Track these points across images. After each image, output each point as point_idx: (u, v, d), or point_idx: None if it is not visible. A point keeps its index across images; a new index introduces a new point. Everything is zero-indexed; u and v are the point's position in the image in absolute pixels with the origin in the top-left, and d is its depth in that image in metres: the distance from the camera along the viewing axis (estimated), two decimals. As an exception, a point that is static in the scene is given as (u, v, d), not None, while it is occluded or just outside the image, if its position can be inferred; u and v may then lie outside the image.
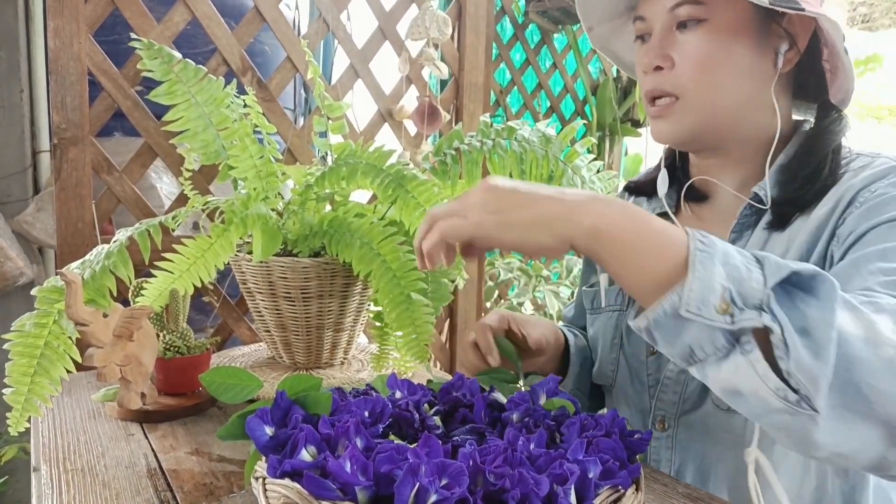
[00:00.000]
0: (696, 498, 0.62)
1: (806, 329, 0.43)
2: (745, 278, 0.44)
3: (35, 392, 0.66)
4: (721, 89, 0.67)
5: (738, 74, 0.67)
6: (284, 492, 0.42)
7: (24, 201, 1.43)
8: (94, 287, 0.72)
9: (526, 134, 0.90)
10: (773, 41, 0.67)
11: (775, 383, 0.43)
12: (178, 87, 0.83)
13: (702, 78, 0.67)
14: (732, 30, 0.66)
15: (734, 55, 0.66)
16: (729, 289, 0.44)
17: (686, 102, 0.69)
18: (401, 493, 0.39)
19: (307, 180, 0.85)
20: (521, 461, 0.43)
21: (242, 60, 1.21)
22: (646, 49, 0.71)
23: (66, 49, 1.06)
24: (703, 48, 0.66)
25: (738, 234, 0.72)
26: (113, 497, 0.59)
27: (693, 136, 0.71)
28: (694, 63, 0.67)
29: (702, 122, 0.69)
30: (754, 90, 0.68)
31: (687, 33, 0.67)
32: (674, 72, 0.68)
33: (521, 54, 2.26)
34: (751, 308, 0.43)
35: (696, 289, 0.44)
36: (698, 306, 0.44)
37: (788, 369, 0.43)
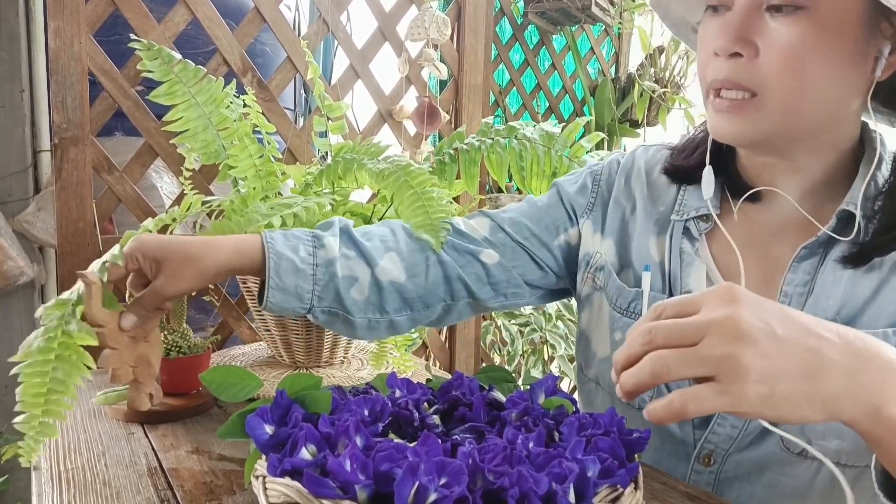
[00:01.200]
0: (694, 497, 0.62)
1: None
2: None
3: (50, 413, 0.61)
4: (808, 92, 0.57)
5: (832, 78, 0.56)
6: (284, 490, 0.42)
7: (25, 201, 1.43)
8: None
9: (528, 133, 0.90)
10: (878, 43, 0.57)
11: None
12: (178, 87, 0.84)
13: (789, 76, 0.56)
14: (835, 24, 0.55)
15: (831, 54, 0.55)
16: None
17: (765, 102, 0.57)
18: (400, 491, 0.39)
19: (307, 179, 0.86)
20: (520, 460, 0.44)
21: (243, 61, 1.22)
22: (722, 27, 0.58)
23: (67, 49, 1.06)
24: (797, 41, 0.55)
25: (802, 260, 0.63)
26: (113, 496, 0.59)
27: (764, 140, 0.60)
28: (783, 57, 0.55)
29: (777, 126, 0.59)
30: (844, 97, 0.58)
31: (779, 19, 0.55)
32: (756, 63, 0.57)
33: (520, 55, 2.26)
34: None
35: None
36: None
37: None
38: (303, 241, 0.68)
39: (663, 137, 2.40)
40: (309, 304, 0.68)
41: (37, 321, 0.65)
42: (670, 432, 0.68)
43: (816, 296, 0.62)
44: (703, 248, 0.68)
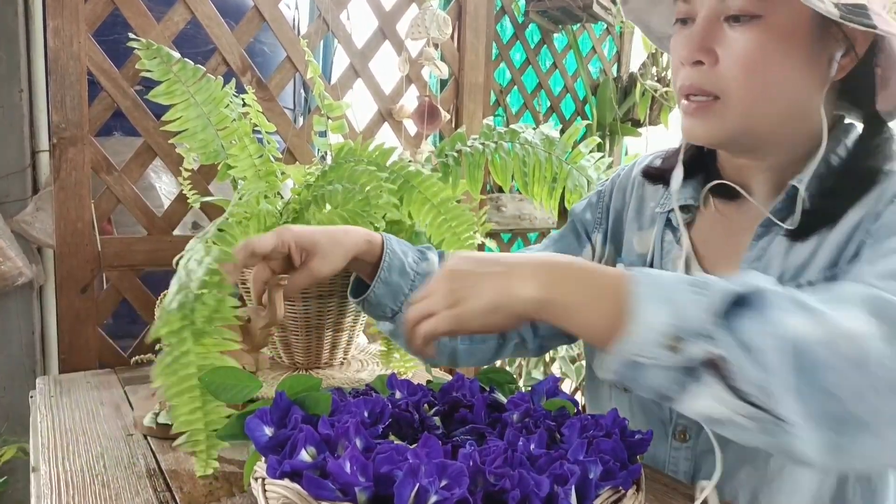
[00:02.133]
0: (695, 498, 0.61)
1: (748, 344, 0.43)
2: (688, 311, 0.44)
3: (212, 422, 0.59)
4: (766, 94, 0.61)
5: (788, 80, 0.61)
6: (284, 492, 0.41)
7: (23, 201, 1.42)
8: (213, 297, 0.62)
9: (529, 137, 0.90)
10: (830, 46, 0.61)
11: (738, 405, 0.44)
12: (177, 86, 0.83)
13: (747, 81, 0.61)
14: (788, 31, 0.59)
15: (786, 59, 0.60)
16: (673, 324, 0.44)
17: (726, 104, 0.62)
18: (401, 493, 0.38)
19: (307, 179, 0.85)
20: (521, 462, 0.43)
21: (242, 60, 1.21)
22: (686, 38, 0.63)
23: (66, 49, 1.05)
24: (753, 48, 0.60)
25: (759, 238, 0.68)
26: (112, 497, 0.59)
27: (729, 139, 0.65)
28: (740, 63, 0.60)
29: (741, 126, 0.63)
30: (802, 97, 0.63)
31: (737, 28, 0.60)
32: (716, 69, 0.62)
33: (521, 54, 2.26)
34: (695, 339, 0.44)
35: (638, 333, 0.45)
36: (646, 349, 0.44)
37: (741, 388, 0.43)
38: (411, 250, 0.76)
39: (665, 137, 2.39)
40: (398, 307, 0.73)
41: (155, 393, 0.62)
42: (652, 411, 0.73)
43: (764, 267, 0.66)
44: (685, 238, 0.73)
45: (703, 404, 0.45)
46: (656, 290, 0.46)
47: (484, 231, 1.07)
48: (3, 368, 1.45)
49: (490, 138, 0.91)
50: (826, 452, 0.44)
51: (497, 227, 1.95)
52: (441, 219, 0.77)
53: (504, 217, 1.95)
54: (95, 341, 1.13)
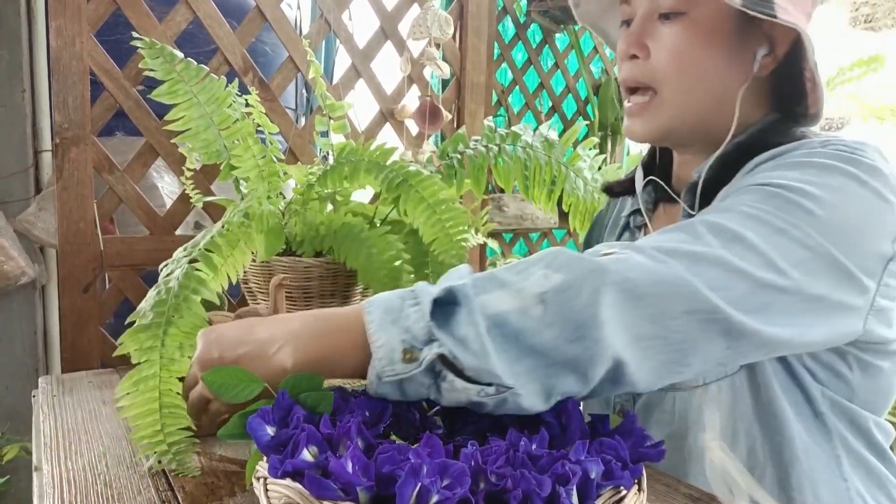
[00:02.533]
0: (696, 498, 0.61)
1: (459, 337, 0.48)
2: (411, 324, 0.49)
3: (176, 443, 0.61)
4: (695, 87, 0.67)
5: (714, 74, 0.66)
6: (286, 492, 0.42)
7: (26, 201, 1.43)
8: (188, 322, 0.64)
9: (529, 139, 0.90)
10: (753, 44, 0.66)
11: (475, 388, 0.48)
12: (180, 86, 0.83)
13: (676, 73, 0.66)
14: (710, 26, 0.65)
15: (709, 52, 0.66)
16: (404, 339, 0.49)
17: (661, 98, 0.68)
18: (402, 493, 0.38)
19: (309, 180, 0.85)
20: (523, 462, 0.43)
21: (244, 60, 1.22)
22: (624, 35, 0.69)
23: (68, 48, 1.06)
24: (679, 42, 0.66)
25: None
26: (114, 497, 0.59)
27: (665, 133, 0.70)
28: (669, 56, 0.66)
29: (673, 122, 0.69)
30: (727, 91, 0.67)
31: (667, 24, 0.66)
32: (649, 62, 0.68)
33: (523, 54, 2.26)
34: (423, 346, 0.48)
35: (382, 356, 0.49)
36: (390, 368, 0.49)
37: (470, 375, 0.48)
38: None
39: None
40: None
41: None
42: None
43: None
44: (640, 238, 0.77)
45: (455, 396, 0.49)
46: (383, 314, 0.50)
47: (486, 231, 1.07)
48: (5, 368, 1.45)
49: (492, 140, 0.91)
50: (546, 399, 0.50)
51: (499, 227, 1.95)
52: (435, 218, 0.77)
53: (506, 217, 1.95)
54: (98, 341, 1.13)
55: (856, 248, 0.58)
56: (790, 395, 0.66)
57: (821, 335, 0.59)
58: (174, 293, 0.63)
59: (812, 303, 0.57)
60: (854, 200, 0.59)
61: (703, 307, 0.52)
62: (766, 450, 0.67)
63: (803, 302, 0.56)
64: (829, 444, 0.67)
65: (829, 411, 0.67)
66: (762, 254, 0.55)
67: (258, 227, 0.77)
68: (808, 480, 0.66)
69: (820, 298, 0.57)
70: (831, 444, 0.67)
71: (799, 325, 0.56)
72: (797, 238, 0.56)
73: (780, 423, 0.66)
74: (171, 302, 0.62)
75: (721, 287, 0.53)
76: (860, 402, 0.67)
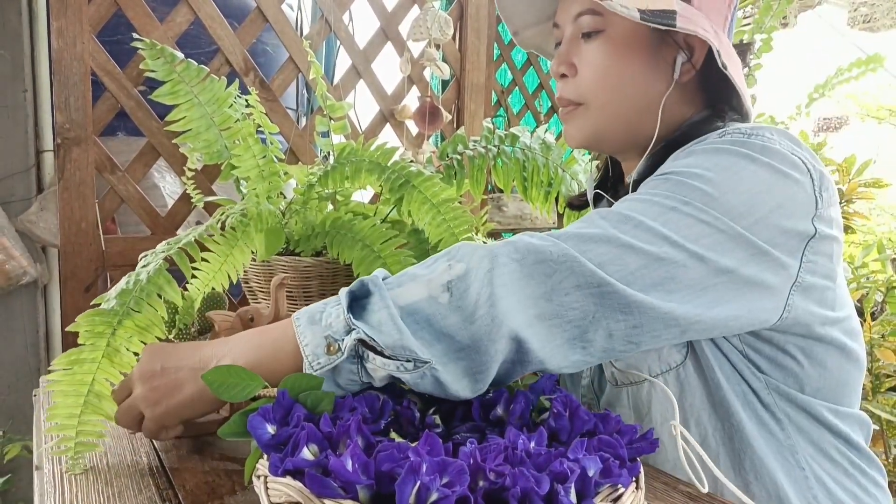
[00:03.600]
0: (695, 496, 0.62)
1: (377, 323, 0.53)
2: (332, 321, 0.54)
3: (85, 433, 0.61)
4: (618, 97, 0.71)
5: (634, 83, 0.70)
6: (286, 490, 0.42)
7: (28, 200, 1.43)
8: (145, 318, 0.64)
9: (527, 141, 0.91)
10: (670, 53, 0.70)
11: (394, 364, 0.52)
12: (181, 87, 0.83)
13: (600, 86, 0.71)
14: (627, 41, 0.70)
15: (629, 65, 0.70)
16: (327, 335, 0.54)
17: (588, 109, 0.72)
18: (402, 491, 0.39)
19: (310, 180, 0.86)
20: (521, 460, 0.44)
21: (245, 61, 1.22)
22: (555, 56, 0.74)
23: (70, 49, 1.06)
24: (601, 58, 0.70)
25: None
26: (115, 495, 0.59)
27: (597, 139, 0.74)
28: (592, 72, 0.71)
29: (602, 126, 0.73)
30: (654, 97, 0.71)
31: (589, 42, 0.71)
32: (577, 80, 0.72)
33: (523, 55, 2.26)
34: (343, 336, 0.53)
35: (309, 352, 0.54)
36: (318, 361, 0.54)
37: (389, 353, 0.52)
38: None
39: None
40: None
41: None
42: (571, 392, 0.80)
43: None
44: None
45: (382, 374, 0.53)
46: (307, 317, 0.55)
47: (485, 231, 1.07)
48: (7, 367, 1.45)
49: (491, 141, 0.91)
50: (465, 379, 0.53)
51: (498, 226, 1.95)
52: (440, 218, 0.78)
53: (505, 217, 1.96)
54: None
55: (762, 223, 0.59)
56: (735, 386, 0.67)
57: (732, 312, 0.59)
58: (140, 286, 0.63)
59: (718, 277, 0.57)
60: (747, 177, 0.60)
61: (590, 281, 0.54)
62: (717, 437, 0.68)
63: (708, 276, 0.57)
64: (781, 432, 0.68)
65: (776, 402, 0.67)
66: (652, 229, 0.57)
67: (257, 227, 0.77)
68: (763, 467, 0.67)
69: (726, 272, 0.58)
70: (784, 433, 0.68)
71: (704, 302, 0.57)
72: (690, 213, 0.58)
73: (728, 412, 0.67)
74: (134, 294, 0.63)
75: (609, 262, 0.55)
76: (812, 392, 0.68)
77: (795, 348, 0.66)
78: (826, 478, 0.68)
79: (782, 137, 0.64)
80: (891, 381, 1.53)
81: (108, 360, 0.62)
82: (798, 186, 0.61)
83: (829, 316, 0.65)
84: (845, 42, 2.53)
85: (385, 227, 0.81)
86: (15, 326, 1.46)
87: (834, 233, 0.64)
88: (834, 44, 2.65)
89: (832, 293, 0.66)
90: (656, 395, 0.70)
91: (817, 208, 0.62)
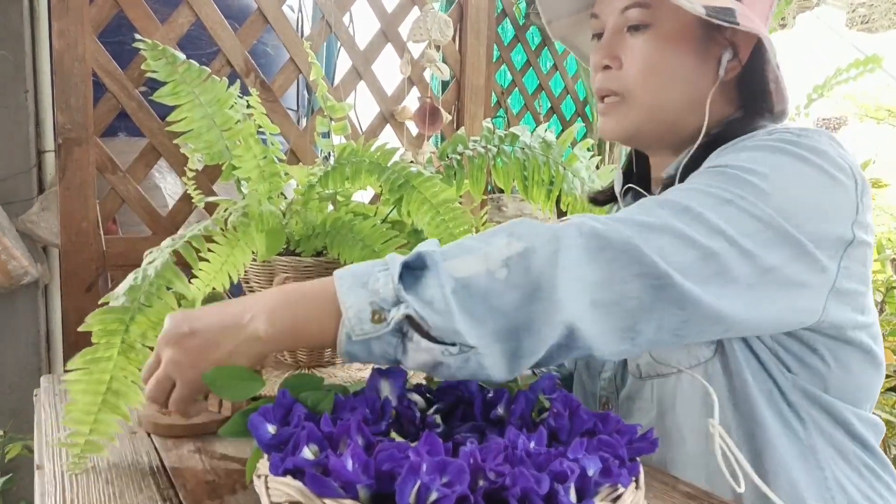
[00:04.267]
0: (694, 496, 0.62)
1: (426, 298, 0.50)
2: (380, 287, 0.51)
3: (98, 431, 0.60)
4: (664, 92, 0.71)
5: (681, 79, 0.70)
6: (286, 490, 0.42)
7: (29, 201, 1.43)
8: (156, 313, 0.64)
9: (527, 140, 0.91)
10: (717, 50, 0.70)
11: (440, 348, 0.50)
12: (182, 87, 0.84)
13: (646, 81, 0.70)
14: (676, 36, 0.69)
15: (677, 61, 0.70)
16: (373, 301, 0.51)
17: (631, 102, 0.72)
18: (402, 490, 0.39)
19: (310, 180, 0.86)
20: (521, 459, 0.44)
21: (246, 62, 1.22)
22: (597, 48, 0.73)
23: (71, 50, 1.06)
24: (648, 52, 0.69)
25: None
26: (116, 494, 0.59)
27: (635, 133, 0.74)
28: (640, 66, 0.70)
29: (644, 120, 0.72)
30: (697, 94, 0.70)
31: (636, 36, 0.70)
32: (621, 72, 0.71)
33: (522, 56, 2.26)
34: (391, 307, 0.50)
35: (352, 316, 0.51)
36: (360, 328, 0.51)
37: (435, 334, 0.50)
38: None
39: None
40: None
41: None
42: (587, 386, 0.83)
43: None
44: None
45: (419, 357, 0.51)
46: (352, 278, 0.52)
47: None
48: (8, 367, 1.46)
49: (491, 141, 0.92)
50: (507, 361, 0.52)
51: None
52: (439, 219, 0.78)
53: (505, 217, 1.96)
54: (99, 340, 1.14)
55: (808, 223, 0.59)
56: (761, 383, 0.67)
57: (774, 313, 0.60)
58: (149, 281, 0.63)
59: (765, 275, 0.58)
60: (798, 176, 0.61)
61: (652, 272, 0.53)
62: (739, 434, 0.69)
63: (756, 275, 0.57)
64: (804, 432, 0.68)
65: (801, 401, 0.68)
66: (709, 222, 0.57)
67: (258, 227, 0.78)
68: (782, 467, 0.67)
69: (772, 270, 0.58)
70: (806, 433, 0.68)
71: (750, 300, 0.57)
72: (745, 208, 0.58)
73: (751, 410, 0.67)
74: (143, 289, 0.62)
75: (670, 253, 0.54)
76: (836, 394, 0.68)
77: (825, 349, 0.66)
78: (844, 480, 0.68)
79: (829, 139, 0.65)
80: (890, 381, 1.53)
81: (123, 356, 0.61)
82: (843, 190, 0.62)
83: (859, 320, 0.66)
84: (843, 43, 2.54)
85: (385, 227, 0.81)
86: (16, 326, 1.46)
87: (869, 239, 0.65)
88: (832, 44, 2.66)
89: (864, 298, 0.66)
90: (682, 388, 0.70)
91: (857, 214, 0.63)
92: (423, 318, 0.49)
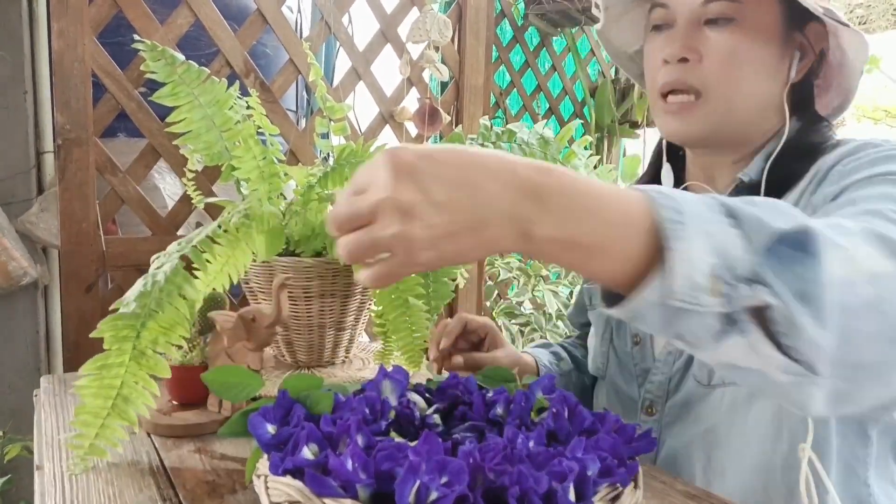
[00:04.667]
0: (693, 495, 0.62)
1: (804, 293, 0.37)
2: (728, 246, 0.37)
3: (104, 436, 0.60)
4: (742, 90, 0.68)
5: (760, 77, 0.68)
6: (286, 489, 0.42)
7: (28, 201, 1.43)
8: (168, 318, 0.63)
9: (525, 137, 0.91)
10: (792, 49, 0.69)
11: (776, 358, 0.38)
12: (182, 88, 0.84)
13: (727, 76, 0.67)
14: (760, 32, 0.67)
15: (757, 57, 0.67)
16: (713, 264, 0.37)
17: (708, 100, 0.68)
18: (401, 490, 0.39)
19: (310, 181, 0.86)
20: (520, 459, 0.44)
21: (245, 62, 1.22)
22: (669, 38, 0.69)
23: (70, 51, 1.06)
24: (732, 46, 0.66)
25: None
26: (115, 495, 0.59)
27: (710, 133, 0.70)
28: (722, 60, 0.67)
29: (720, 121, 0.69)
30: (771, 94, 0.69)
31: (716, 30, 0.67)
32: (700, 66, 0.68)
33: (521, 56, 2.26)
34: (743, 282, 0.37)
35: (683, 273, 0.37)
36: (688, 293, 0.37)
37: (787, 342, 0.38)
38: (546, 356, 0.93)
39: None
40: None
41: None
42: (622, 389, 0.80)
43: None
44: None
45: (734, 354, 0.39)
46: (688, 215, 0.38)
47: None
48: (8, 367, 1.46)
49: (488, 138, 0.92)
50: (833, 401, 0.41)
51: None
52: None
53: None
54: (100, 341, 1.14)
55: None
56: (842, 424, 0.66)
57: None
58: (159, 287, 0.62)
59: None
60: None
61: None
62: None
63: None
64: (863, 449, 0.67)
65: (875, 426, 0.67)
66: None
67: (259, 228, 0.78)
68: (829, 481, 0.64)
69: None
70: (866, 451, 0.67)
71: None
72: None
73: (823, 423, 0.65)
74: (154, 295, 0.62)
75: None
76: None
77: None
78: (885, 500, 0.68)
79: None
80: None
81: (135, 362, 0.61)
82: None
83: None
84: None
85: None
86: (15, 327, 1.46)
87: None
88: (832, 45, 2.65)
89: None
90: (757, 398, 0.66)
91: None
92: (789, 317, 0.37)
